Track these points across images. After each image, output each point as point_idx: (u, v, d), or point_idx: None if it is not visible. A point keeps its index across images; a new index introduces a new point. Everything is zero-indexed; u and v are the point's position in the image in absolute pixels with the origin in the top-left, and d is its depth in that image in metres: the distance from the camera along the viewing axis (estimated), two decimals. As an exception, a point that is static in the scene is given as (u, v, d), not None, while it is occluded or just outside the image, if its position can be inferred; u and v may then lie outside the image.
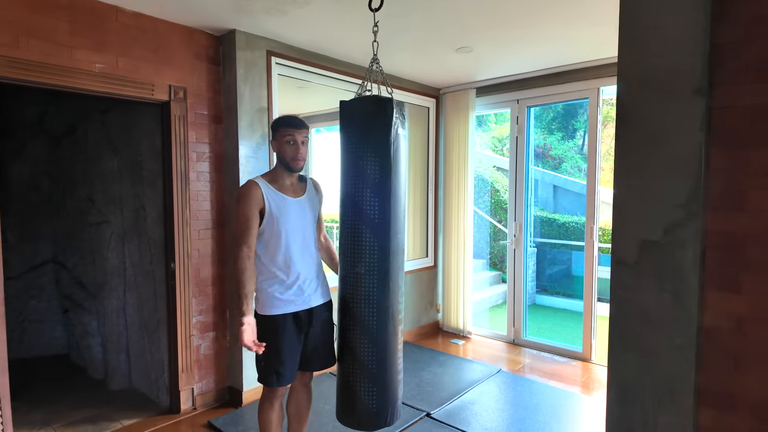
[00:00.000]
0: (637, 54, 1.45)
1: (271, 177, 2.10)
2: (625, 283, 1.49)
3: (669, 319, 1.42)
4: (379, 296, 2.22)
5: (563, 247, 7.13)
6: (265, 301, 2.06)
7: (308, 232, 2.14)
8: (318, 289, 2.17)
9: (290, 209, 2.07)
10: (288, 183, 2.12)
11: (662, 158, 1.41)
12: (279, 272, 2.05)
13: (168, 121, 2.87)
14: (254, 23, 2.88)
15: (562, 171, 10.59)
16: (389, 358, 2.20)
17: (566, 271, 7.28)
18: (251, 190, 2.00)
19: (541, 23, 2.90)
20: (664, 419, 1.43)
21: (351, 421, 2.16)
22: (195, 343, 3.05)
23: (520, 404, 3.13)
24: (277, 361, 2.04)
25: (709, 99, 1.38)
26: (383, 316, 2.22)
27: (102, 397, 3.25)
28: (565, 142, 11.93)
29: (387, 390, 2.18)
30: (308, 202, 2.16)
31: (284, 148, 2.06)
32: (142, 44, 2.72)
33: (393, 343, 2.25)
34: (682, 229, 1.39)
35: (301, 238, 2.10)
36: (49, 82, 2.38)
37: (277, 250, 2.04)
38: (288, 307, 2.06)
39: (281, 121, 2.10)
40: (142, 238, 3.16)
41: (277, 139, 2.08)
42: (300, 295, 2.09)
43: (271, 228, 2.03)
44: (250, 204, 1.98)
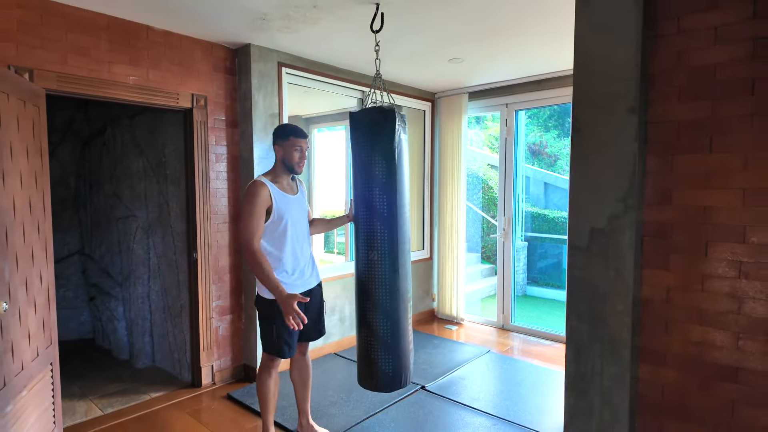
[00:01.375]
0: (587, 78, 1.81)
1: (272, 177, 2.39)
2: (579, 263, 1.85)
3: (612, 291, 1.78)
4: (391, 278, 2.59)
5: (553, 241, 7.50)
6: None
7: (305, 224, 2.48)
8: (313, 272, 2.53)
9: (292, 206, 2.38)
10: (286, 182, 2.43)
11: (606, 162, 1.77)
12: (286, 261, 2.35)
13: (191, 126, 3.22)
14: (267, 38, 3.22)
15: (557, 168, 10.91)
16: (401, 330, 2.57)
17: (556, 264, 7.65)
18: (261, 189, 2.27)
19: (521, 36, 3.25)
20: (608, 371, 1.80)
21: (371, 385, 2.53)
22: (214, 324, 3.41)
23: (506, 379, 3.50)
24: (288, 334, 2.39)
25: (644, 115, 1.74)
26: (395, 295, 2.59)
27: (129, 374, 3.61)
28: (560, 140, 12.25)
29: (400, 357, 2.55)
30: (302, 198, 2.49)
31: (291, 154, 2.37)
32: (169, 58, 3.06)
33: (404, 318, 2.62)
34: (621, 219, 1.75)
35: (300, 230, 2.43)
36: (91, 94, 2.73)
37: (283, 242, 2.34)
38: (294, 289, 2.36)
39: (289, 130, 2.39)
40: (166, 231, 3.51)
41: (285, 146, 2.38)
42: (301, 278, 2.43)
43: (278, 223, 2.32)
44: (260, 202, 2.25)
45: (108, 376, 3.56)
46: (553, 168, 10.67)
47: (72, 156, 4.17)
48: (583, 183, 1.84)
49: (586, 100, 1.81)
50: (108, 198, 3.91)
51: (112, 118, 3.78)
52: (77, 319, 4.29)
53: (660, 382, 1.78)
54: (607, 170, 1.77)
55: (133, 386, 3.38)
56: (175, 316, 3.51)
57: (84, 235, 4.26)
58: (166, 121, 3.42)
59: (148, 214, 3.63)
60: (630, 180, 1.72)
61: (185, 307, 3.42)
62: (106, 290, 3.99)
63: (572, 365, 1.91)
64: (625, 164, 1.73)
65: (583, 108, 1.82)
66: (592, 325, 1.84)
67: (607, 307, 1.80)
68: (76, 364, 3.77)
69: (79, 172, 4.20)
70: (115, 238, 3.89)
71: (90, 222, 4.16)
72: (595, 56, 1.78)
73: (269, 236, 2.33)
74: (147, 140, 3.57)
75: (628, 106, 1.71)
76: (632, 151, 1.71)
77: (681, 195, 1.71)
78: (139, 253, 3.69)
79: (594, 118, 1.80)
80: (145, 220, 3.65)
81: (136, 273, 3.71)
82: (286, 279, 2.35)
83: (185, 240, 3.37)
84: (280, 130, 2.43)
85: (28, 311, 2.20)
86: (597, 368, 1.84)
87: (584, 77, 1.82)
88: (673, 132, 1.72)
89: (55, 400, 2.50)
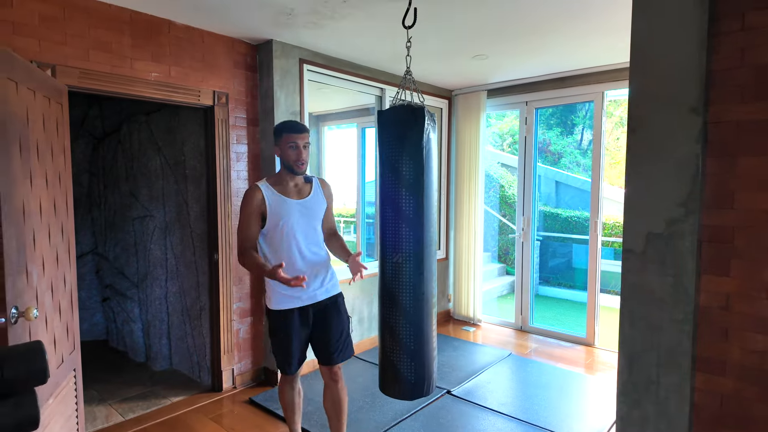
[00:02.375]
0: (645, 77, 1.73)
1: (275, 180, 2.23)
2: (634, 269, 1.79)
3: (670, 298, 1.71)
4: (416, 282, 2.52)
5: (567, 241, 7.44)
6: (272, 296, 2.22)
7: (312, 231, 2.25)
8: (324, 284, 2.28)
9: (292, 210, 2.18)
10: (292, 185, 2.23)
11: (665, 164, 1.70)
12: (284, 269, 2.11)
13: (212, 125, 3.14)
14: (291, 34, 3.14)
15: (561, 166, 10.87)
16: (425, 336, 2.50)
17: (567, 264, 7.60)
18: (251, 194, 2.15)
19: (549, 36, 3.18)
20: (665, 380, 1.73)
21: (393, 392, 2.46)
22: (235, 327, 3.33)
23: (531, 383, 3.44)
24: (287, 351, 2.23)
25: (705, 115, 1.67)
26: (419, 299, 2.51)
27: (147, 378, 3.53)
28: (564, 138, 12.21)
29: (424, 364, 2.48)
30: (313, 203, 2.26)
31: (287, 153, 2.18)
32: (191, 54, 2.98)
33: (428, 323, 2.55)
34: (681, 224, 1.68)
35: (303, 237, 2.21)
36: (113, 90, 2.64)
37: (280, 249, 2.17)
38: (293, 302, 2.20)
39: (283, 127, 2.21)
40: (185, 231, 3.43)
41: (280, 145, 2.19)
42: (304, 291, 2.19)
43: (274, 228, 2.16)
44: (250, 207, 2.13)
45: (126, 380, 3.49)
46: (557, 166, 10.62)
47: (85, 153, 4.09)
48: (639, 185, 1.77)
49: (644, 99, 1.74)
50: (124, 197, 3.83)
51: (127, 116, 3.69)
52: (90, 320, 4.21)
53: (718, 392, 1.71)
54: (667, 173, 1.70)
55: (152, 390, 3.31)
56: (194, 318, 3.44)
57: (97, 234, 4.17)
58: (184, 119, 3.34)
59: (166, 213, 3.55)
60: (692, 183, 1.65)
61: (205, 309, 3.35)
62: (122, 291, 3.91)
63: (625, 373, 1.85)
64: (687, 166, 1.66)
65: (641, 108, 1.75)
66: (647, 333, 1.77)
67: (664, 315, 1.73)
68: (92, 367, 3.69)
69: (91, 170, 4.12)
70: (131, 238, 3.80)
71: (104, 221, 4.08)
72: (655, 54, 1.71)
73: (268, 243, 2.21)
74: (165, 138, 3.48)
75: (690, 106, 1.64)
76: (694, 152, 1.64)
77: (744, 198, 1.65)
78: (156, 254, 3.61)
79: (652, 119, 1.72)
80: (163, 220, 3.57)
81: (153, 274, 3.64)
82: (285, 290, 2.17)
83: (205, 240, 3.29)
84: (275, 128, 2.25)
85: (53, 316, 2.13)
86: (653, 377, 1.77)
87: (642, 76, 1.74)
88: (735, 133, 1.65)
89: (78, 406, 2.43)
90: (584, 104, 11.85)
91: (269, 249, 2.20)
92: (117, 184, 3.86)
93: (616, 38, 3.24)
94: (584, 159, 12.66)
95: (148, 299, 3.68)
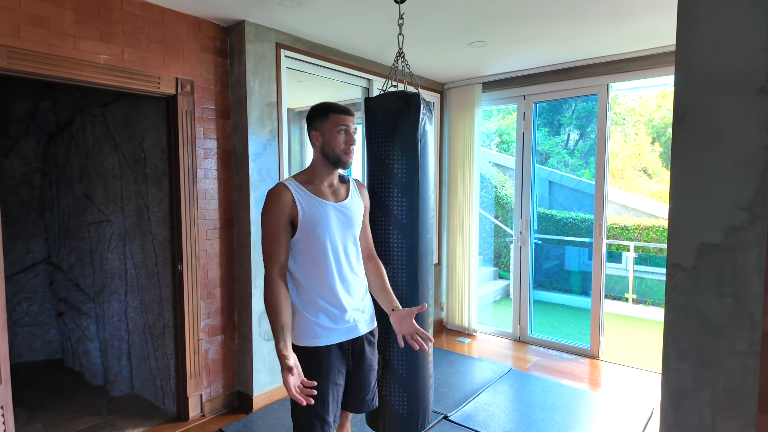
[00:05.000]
0: (695, 51, 1.40)
1: (306, 177, 1.71)
2: (682, 287, 1.45)
3: (730, 324, 1.38)
4: (408, 298, 2.16)
5: (568, 244, 7.16)
6: (303, 328, 1.66)
7: (354, 242, 1.75)
8: (365, 312, 1.78)
9: (330, 216, 1.66)
10: (327, 184, 1.72)
11: (723, 159, 1.36)
12: (320, 294, 1.65)
13: (175, 116, 2.74)
14: (266, 14, 2.76)
15: (549, 166, 10.67)
16: (420, 362, 2.14)
17: (559, 266, 7.33)
18: (278, 194, 1.62)
19: (553, 21, 2.85)
20: (724, 426, 1.39)
21: (381, 427, 2.09)
22: (203, 347, 2.94)
23: (536, 404, 3.10)
24: (320, 402, 1.62)
25: (772, 98, 1.34)
26: (413, 319, 2.15)
27: (103, 404, 3.11)
28: (551, 138, 12.02)
29: (418, 395, 2.12)
30: (353, 207, 1.75)
31: (334, 139, 1.65)
32: (149, 35, 2.58)
33: (423, 347, 2.19)
34: (744, 232, 1.34)
35: (344, 251, 1.70)
36: (52, 74, 2.23)
37: (316, 267, 1.65)
38: (332, 336, 1.66)
39: (329, 106, 1.69)
40: (146, 239, 3.02)
41: (325, 129, 1.66)
42: (346, 321, 1.69)
43: (307, 240, 1.64)
44: (277, 212, 1.60)
45: (78, 407, 3.06)
46: (545, 165, 10.39)
47: (36, 151, 3.64)
48: (689, 185, 1.43)
49: (695, 81, 1.40)
50: (78, 200, 3.40)
51: (81, 108, 3.27)
52: (43, 338, 3.77)
53: (787, 439, 1.38)
54: (726, 169, 1.36)
55: (107, 421, 2.89)
56: (156, 337, 3.03)
57: (50, 241, 3.73)
58: (145, 110, 2.93)
59: (125, 218, 3.13)
60: (759, 181, 1.32)
61: (169, 327, 2.94)
62: (77, 305, 3.48)
63: (669, 415, 1.51)
64: (752, 161, 1.33)
65: (691, 92, 1.41)
66: (699, 367, 1.44)
67: (722, 345, 1.40)
68: (41, 391, 3.26)
69: (44, 169, 3.68)
70: (86, 246, 3.37)
71: (57, 227, 3.64)
72: (710, 26, 1.37)
73: (298, 259, 1.66)
74: (122, 133, 3.07)
75: (758, 86, 1.31)
76: (763, 143, 1.31)
77: (820, 201, 1.32)
78: (114, 264, 3.19)
79: (707, 104, 1.39)
80: (122, 226, 3.15)
81: (111, 286, 3.21)
82: (321, 321, 1.65)
83: (169, 249, 2.89)
84: (314, 109, 1.73)
85: (-35, 349, 1.71)
86: (707, 421, 1.44)
87: (692, 53, 1.40)
88: (811, 119, 1.32)
89: (6, 453, 2.02)
90: (571, 104, 11.67)
91: (298, 268, 1.66)
92: (70, 185, 3.43)
93: (626, 23, 2.92)
94: (572, 159, 12.48)
95: (106, 315, 3.26)
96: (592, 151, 12.37)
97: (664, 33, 3.11)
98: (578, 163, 12.47)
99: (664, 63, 3.47)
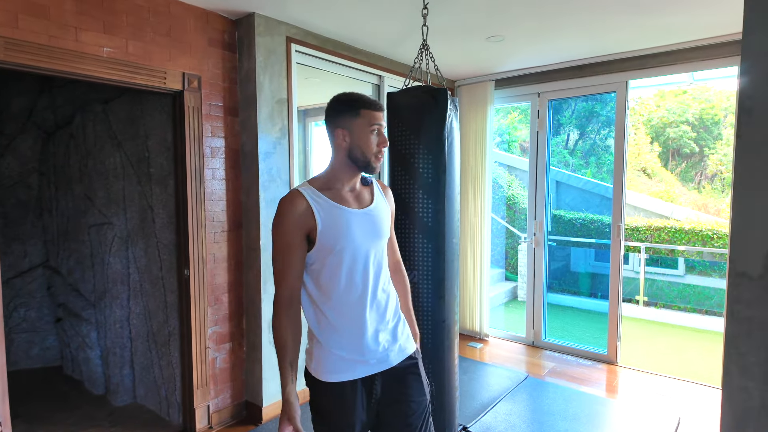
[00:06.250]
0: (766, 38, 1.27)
1: (324, 182, 1.43)
2: (748, 298, 1.32)
3: (803, 340, 1.25)
4: (435, 307, 2.03)
5: (581, 245, 7.04)
6: (322, 360, 1.40)
7: (383, 254, 1.49)
8: (397, 338, 1.47)
9: (354, 225, 1.39)
10: (348, 189, 1.45)
11: (795, 157, 1.24)
12: (343, 319, 1.39)
13: (181, 113, 2.60)
14: (276, 7, 2.63)
15: (551, 166, 10.61)
16: (446, 374, 2.01)
17: (565, 267, 7.22)
18: (291, 204, 1.36)
19: (582, 12, 2.73)
20: (795, 451, 1.27)
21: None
22: (211, 355, 2.80)
23: (558, 414, 2.97)
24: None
25: None
26: (439, 329, 2.02)
27: (105, 415, 2.97)
28: (551, 138, 11.96)
29: (444, 410, 1.99)
30: (380, 212, 1.48)
31: (366, 141, 1.39)
32: (154, 27, 2.44)
33: (450, 358, 2.06)
34: (820, 238, 1.22)
35: (372, 265, 1.43)
36: (52, 67, 2.09)
37: (338, 287, 1.39)
38: (355, 369, 1.40)
39: (359, 100, 1.41)
40: (150, 242, 2.88)
41: (354, 128, 1.40)
42: (374, 352, 1.41)
43: (328, 255, 1.37)
44: (290, 225, 1.35)
45: (79, 418, 2.92)
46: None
47: (33, 150, 3.49)
48: (756, 185, 1.30)
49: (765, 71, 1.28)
50: (78, 201, 3.25)
51: (81, 105, 3.12)
52: (41, 344, 3.62)
53: None
54: (799, 168, 1.24)
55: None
56: (161, 344, 2.89)
57: (49, 244, 3.58)
58: (150, 107, 2.79)
59: (128, 220, 2.99)
60: (839, 182, 1.20)
61: (174, 335, 2.80)
62: (76, 311, 3.33)
63: (731, 437, 1.39)
64: (831, 159, 1.21)
65: (759, 81, 1.29)
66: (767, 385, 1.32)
67: (793, 362, 1.28)
68: (39, 401, 3.12)
69: (42, 169, 3.53)
70: (86, 250, 3.23)
71: (56, 229, 3.50)
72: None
73: (318, 279, 1.40)
74: (125, 131, 2.93)
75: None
76: (844, 140, 1.19)
77: None
78: (116, 268, 3.04)
79: (779, 95, 1.27)
80: (124, 229, 3.01)
81: (112, 292, 3.07)
82: (343, 351, 1.39)
83: (174, 253, 2.75)
84: (340, 103, 1.43)
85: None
86: (775, 445, 1.32)
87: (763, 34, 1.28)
88: None
89: (3, 473, 1.88)
90: (571, 104, 11.56)
91: (317, 288, 1.40)
92: (70, 185, 3.28)
93: (648, 18, 2.80)
94: (573, 159, 12.39)
95: (107, 321, 3.11)
96: (593, 151, 12.28)
97: (687, 28, 2.99)
98: (579, 163, 12.38)
99: (684, 59, 3.36)
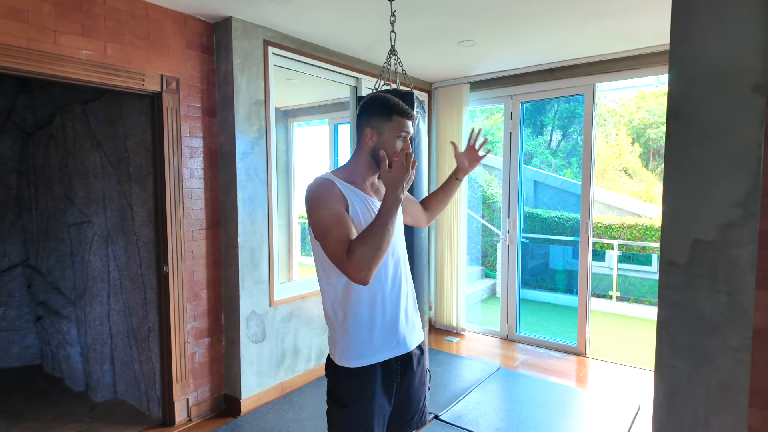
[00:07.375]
0: (691, 48, 1.41)
1: (346, 175, 1.49)
2: (676, 284, 1.46)
3: (724, 321, 1.39)
4: (401, 299, 2.14)
5: (553, 243, 7.22)
6: (347, 347, 1.45)
7: (401, 245, 1.55)
8: (416, 324, 1.59)
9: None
10: (368, 183, 1.53)
11: (717, 156, 1.38)
12: (369, 306, 1.45)
13: (160, 114, 2.67)
14: (253, 10, 2.71)
15: (533, 166, 10.79)
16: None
17: (543, 265, 7.40)
18: (328, 184, 1.42)
19: (542, 18, 2.86)
20: (717, 421, 1.41)
21: None
22: (190, 350, 2.87)
23: (525, 402, 3.11)
24: (365, 427, 1.44)
25: (765, 96, 1.36)
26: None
27: (85, 411, 3.02)
28: (534, 138, 12.16)
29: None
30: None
31: (392, 145, 1.46)
32: (132, 30, 2.51)
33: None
34: (738, 229, 1.36)
35: (393, 255, 1.50)
36: (32, 70, 2.15)
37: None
38: (379, 354, 1.46)
39: (394, 107, 1.46)
40: (130, 240, 2.95)
41: (384, 131, 1.46)
42: (395, 337, 1.48)
43: None
44: (332, 200, 1.39)
45: (59, 414, 2.97)
46: (528, 165, 10.50)
47: (13, 150, 3.52)
48: (684, 182, 1.44)
49: (692, 78, 1.42)
50: (57, 200, 3.29)
51: (60, 105, 3.17)
52: (21, 343, 3.65)
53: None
54: (720, 166, 1.38)
55: (90, 427, 2.81)
56: (141, 340, 2.95)
57: (29, 243, 3.62)
58: (129, 108, 2.85)
59: (107, 219, 3.05)
60: (753, 179, 1.33)
61: (154, 330, 2.87)
62: (56, 309, 3.37)
63: (663, 411, 1.52)
64: (746, 158, 1.34)
65: (686, 88, 1.43)
66: (693, 363, 1.45)
67: (715, 341, 1.41)
68: (19, 398, 3.15)
69: (20, 169, 3.56)
70: (66, 248, 3.27)
71: (36, 229, 3.53)
72: (705, 24, 1.38)
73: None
74: (105, 131, 2.99)
75: (752, 84, 1.32)
76: (757, 140, 1.32)
77: (811, 197, 1.34)
78: (96, 266, 3.10)
79: (702, 101, 1.40)
80: (104, 227, 3.06)
81: (92, 290, 3.12)
82: (368, 337, 1.45)
83: (153, 250, 2.82)
84: (374, 102, 1.49)
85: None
86: (700, 417, 1.45)
87: (688, 49, 1.42)
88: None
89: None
90: (554, 105, 11.80)
91: (342, 275, 1.39)
92: (49, 185, 3.32)
93: (614, 23, 2.95)
94: (555, 159, 12.63)
95: (87, 319, 3.17)
96: (575, 152, 12.54)
97: (650, 33, 3.15)
98: (561, 163, 12.63)
99: (648, 63, 3.52)
